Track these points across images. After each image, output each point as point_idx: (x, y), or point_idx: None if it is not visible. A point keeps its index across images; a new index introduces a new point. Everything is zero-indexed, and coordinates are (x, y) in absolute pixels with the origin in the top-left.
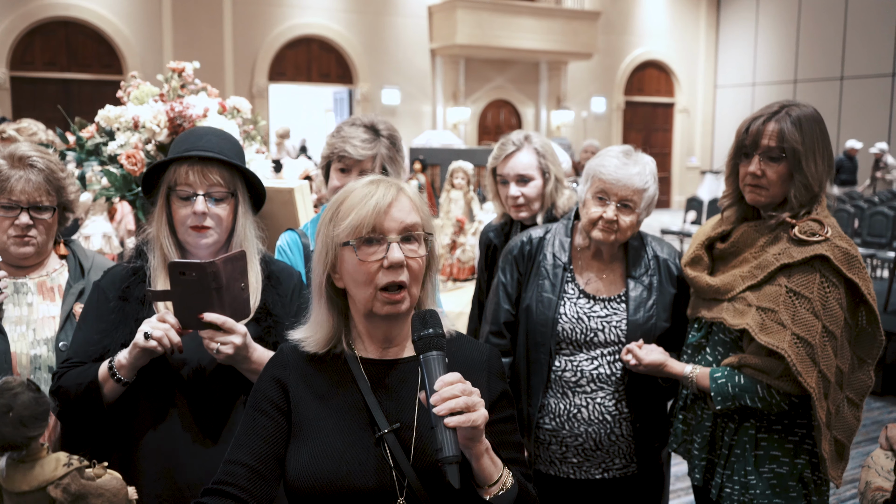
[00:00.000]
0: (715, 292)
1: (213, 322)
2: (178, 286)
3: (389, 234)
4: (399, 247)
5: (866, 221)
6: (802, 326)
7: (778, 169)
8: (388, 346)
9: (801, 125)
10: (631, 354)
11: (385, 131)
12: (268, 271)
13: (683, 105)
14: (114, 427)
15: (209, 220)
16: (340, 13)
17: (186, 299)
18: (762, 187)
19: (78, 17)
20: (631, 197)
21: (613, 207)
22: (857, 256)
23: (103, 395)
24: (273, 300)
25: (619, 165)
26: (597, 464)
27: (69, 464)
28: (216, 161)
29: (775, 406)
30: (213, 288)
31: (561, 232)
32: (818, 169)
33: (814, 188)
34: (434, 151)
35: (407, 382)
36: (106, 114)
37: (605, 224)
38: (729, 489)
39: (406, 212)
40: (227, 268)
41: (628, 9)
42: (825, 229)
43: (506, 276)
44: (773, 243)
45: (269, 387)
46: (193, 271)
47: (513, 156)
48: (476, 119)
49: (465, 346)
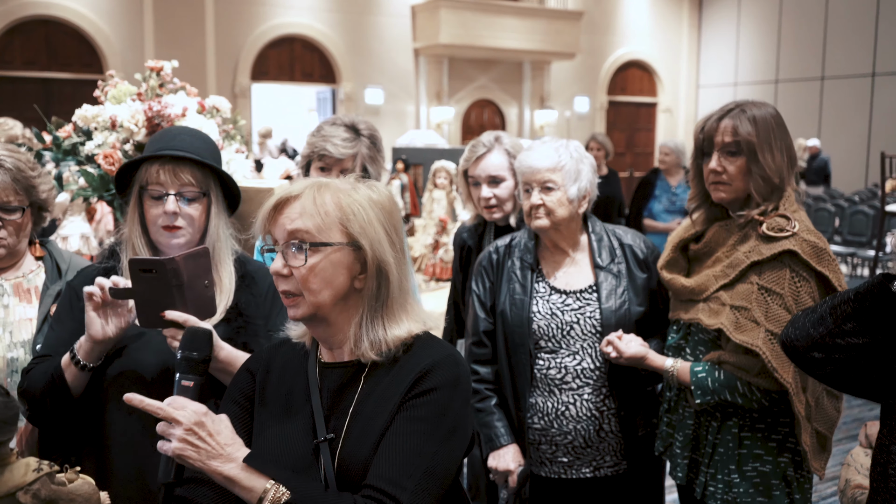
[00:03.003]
0: (690, 293)
1: (174, 320)
2: (140, 284)
3: (278, 242)
4: (283, 255)
5: (847, 220)
6: (776, 322)
7: (737, 163)
8: (332, 348)
9: (754, 120)
10: (611, 346)
11: (366, 131)
12: (242, 272)
13: (666, 105)
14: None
15: (181, 220)
16: (323, 12)
17: (148, 297)
18: (724, 183)
19: (58, 15)
20: (547, 177)
21: (536, 193)
22: (826, 249)
23: (67, 383)
24: (246, 300)
25: (527, 154)
26: (587, 461)
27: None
28: (188, 161)
29: (755, 402)
30: (174, 285)
31: (525, 235)
32: (776, 161)
33: (773, 180)
34: (417, 151)
35: (347, 388)
36: (83, 113)
37: (534, 210)
38: (713, 488)
39: (292, 218)
40: (188, 264)
41: (611, 9)
42: (792, 224)
43: (478, 287)
44: (743, 241)
45: (242, 378)
46: (153, 268)
47: (483, 157)
48: (460, 119)
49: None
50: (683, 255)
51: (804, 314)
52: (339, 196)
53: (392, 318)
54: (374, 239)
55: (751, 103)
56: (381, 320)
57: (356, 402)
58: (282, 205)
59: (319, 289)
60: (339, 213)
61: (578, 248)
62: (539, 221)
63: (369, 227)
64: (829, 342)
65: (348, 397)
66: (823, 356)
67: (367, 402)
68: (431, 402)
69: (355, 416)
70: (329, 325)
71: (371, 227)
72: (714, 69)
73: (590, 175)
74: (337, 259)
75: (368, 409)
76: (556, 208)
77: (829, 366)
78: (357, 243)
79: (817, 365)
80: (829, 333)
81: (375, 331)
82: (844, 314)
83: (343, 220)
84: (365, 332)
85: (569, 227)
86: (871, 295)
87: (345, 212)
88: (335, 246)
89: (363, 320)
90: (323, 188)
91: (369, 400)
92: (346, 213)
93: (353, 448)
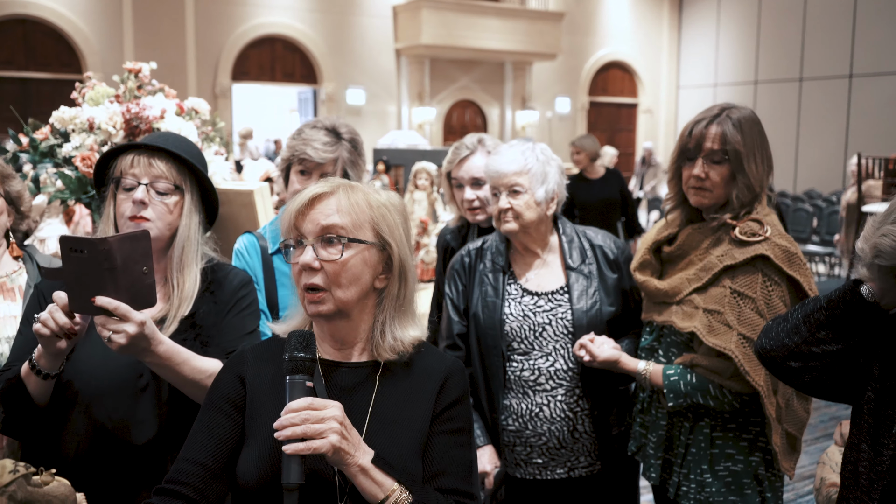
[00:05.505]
0: (664, 296)
1: (104, 307)
2: (70, 264)
3: (307, 236)
4: (313, 249)
5: (824, 220)
6: (748, 326)
7: (721, 171)
8: (342, 347)
9: (741, 127)
10: (584, 350)
11: (346, 134)
12: (209, 279)
13: (647, 105)
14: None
15: (149, 212)
16: (304, 13)
17: (79, 280)
18: (706, 189)
19: (36, 14)
20: (514, 181)
21: (504, 197)
22: (798, 254)
23: (28, 391)
24: (206, 310)
25: (494, 158)
26: (562, 462)
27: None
28: (164, 153)
29: (727, 404)
30: (106, 268)
31: (497, 238)
32: (759, 169)
33: (755, 188)
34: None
35: (361, 387)
36: (60, 115)
37: (502, 214)
38: (686, 487)
39: (327, 214)
40: (122, 247)
41: (592, 10)
42: (765, 228)
43: (451, 290)
44: (717, 245)
45: (227, 384)
46: (85, 248)
47: (467, 159)
48: (441, 119)
49: (429, 357)
50: (656, 257)
51: (776, 323)
52: (368, 197)
53: (406, 321)
54: (400, 241)
55: (734, 108)
56: (398, 322)
57: (374, 402)
58: (315, 200)
59: (348, 284)
60: (371, 212)
61: (549, 249)
62: (508, 225)
63: (396, 229)
64: (804, 350)
65: (364, 396)
66: (801, 365)
67: (386, 402)
68: (461, 414)
69: (376, 415)
70: (348, 322)
71: (397, 230)
72: (694, 70)
73: (557, 177)
74: (367, 257)
75: (389, 410)
76: (523, 211)
77: (807, 374)
78: (386, 244)
79: (795, 374)
80: (805, 342)
81: (394, 331)
82: (818, 322)
83: (375, 220)
84: (388, 332)
85: (538, 229)
86: (842, 302)
87: (375, 214)
88: (367, 244)
89: (386, 320)
90: (355, 188)
91: (388, 401)
92: (378, 213)
93: (376, 445)
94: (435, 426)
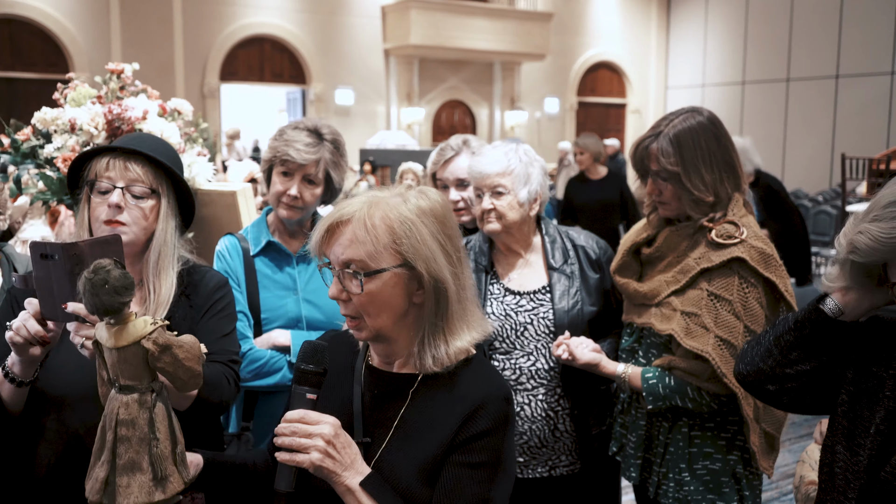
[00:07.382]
0: (643, 298)
1: (76, 313)
2: (40, 270)
3: (334, 265)
4: (339, 280)
5: (811, 220)
6: (725, 328)
7: (669, 188)
8: (388, 359)
9: (678, 143)
10: (563, 349)
11: (329, 135)
12: (186, 282)
13: (635, 106)
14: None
15: (125, 216)
16: (293, 13)
17: (50, 286)
18: (664, 203)
19: (23, 14)
20: (497, 182)
21: (487, 197)
22: (773, 255)
23: (2, 398)
24: (182, 314)
25: (477, 160)
26: (543, 461)
27: (155, 322)
28: (140, 156)
29: (705, 406)
30: (77, 273)
31: (480, 238)
32: (705, 181)
33: (705, 199)
34: (384, 153)
35: (395, 397)
36: (42, 116)
37: (486, 214)
38: (665, 487)
39: (344, 246)
40: (93, 251)
41: (580, 10)
42: (741, 230)
43: None
44: (694, 247)
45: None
46: (55, 253)
47: (452, 160)
48: (430, 119)
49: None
50: (636, 259)
51: (751, 347)
52: (389, 215)
53: (453, 332)
54: (428, 257)
55: (680, 118)
56: (443, 335)
57: (402, 416)
58: (332, 230)
59: (377, 313)
60: (390, 235)
61: (532, 249)
62: (491, 225)
63: (422, 246)
64: (779, 373)
65: (394, 407)
66: (777, 388)
67: (414, 418)
68: (486, 447)
69: (400, 429)
70: (392, 343)
71: (423, 246)
72: (682, 70)
73: (540, 178)
74: (393, 283)
75: (414, 427)
76: (506, 212)
77: (785, 396)
78: (412, 263)
79: (774, 397)
80: (778, 364)
81: (437, 347)
82: (787, 344)
83: (395, 242)
84: (428, 349)
85: (521, 229)
86: (808, 322)
87: (396, 234)
88: (390, 271)
89: (425, 337)
90: (373, 207)
91: (416, 417)
92: (398, 234)
93: (392, 459)
94: (452, 455)
